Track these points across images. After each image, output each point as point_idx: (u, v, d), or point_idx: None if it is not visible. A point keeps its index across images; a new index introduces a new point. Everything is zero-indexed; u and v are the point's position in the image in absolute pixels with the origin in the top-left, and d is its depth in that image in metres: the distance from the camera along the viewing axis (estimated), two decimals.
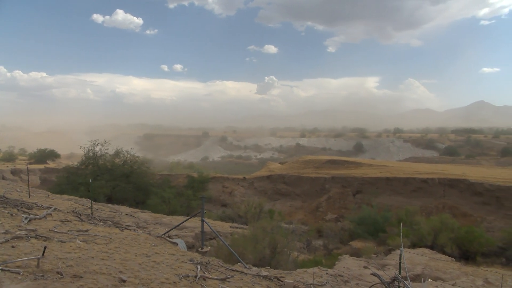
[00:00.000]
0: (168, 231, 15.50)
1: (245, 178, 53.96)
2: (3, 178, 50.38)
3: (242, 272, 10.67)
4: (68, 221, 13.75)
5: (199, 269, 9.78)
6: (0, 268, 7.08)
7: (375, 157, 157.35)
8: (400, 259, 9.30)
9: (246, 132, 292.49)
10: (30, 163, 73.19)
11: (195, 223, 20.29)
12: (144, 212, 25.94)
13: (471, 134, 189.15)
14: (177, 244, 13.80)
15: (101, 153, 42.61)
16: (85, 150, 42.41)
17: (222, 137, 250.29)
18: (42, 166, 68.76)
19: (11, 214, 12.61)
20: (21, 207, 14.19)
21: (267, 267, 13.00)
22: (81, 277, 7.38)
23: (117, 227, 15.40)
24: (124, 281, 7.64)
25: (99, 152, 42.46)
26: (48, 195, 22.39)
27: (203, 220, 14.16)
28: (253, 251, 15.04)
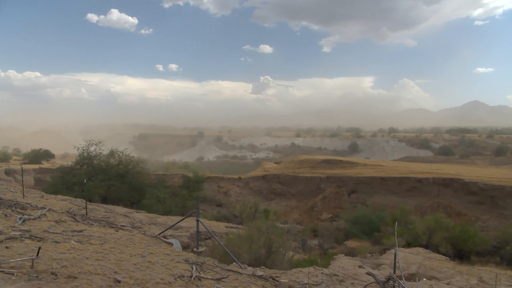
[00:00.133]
0: (163, 231, 15.46)
1: (240, 178, 53.94)
2: None
3: (238, 272, 10.66)
4: (63, 221, 13.68)
5: (194, 269, 9.77)
6: None
7: (370, 156, 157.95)
8: (395, 259, 9.33)
9: (241, 132, 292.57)
10: (24, 163, 72.84)
11: (190, 223, 20.25)
12: (139, 212, 25.88)
13: (465, 133, 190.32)
14: (172, 244, 13.77)
15: (95, 153, 42.38)
16: (79, 150, 42.18)
17: (217, 137, 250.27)
18: (37, 166, 68.39)
19: (5, 215, 12.54)
20: (15, 208, 14.11)
21: (263, 267, 12.99)
22: (75, 277, 7.35)
23: (112, 227, 15.35)
24: (119, 281, 7.62)
25: (93, 152, 42.23)
26: (43, 196, 22.25)
27: (198, 220, 14.14)
28: (248, 251, 15.03)
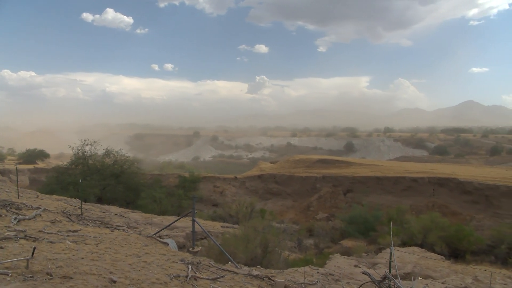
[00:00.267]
0: (159, 231, 15.44)
1: (236, 177, 53.89)
2: None
3: (233, 272, 10.66)
4: (58, 221, 13.64)
5: (190, 269, 9.76)
6: None
7: (366, 156, 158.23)
8: (390, 258, 9.36)
9: (237, 131, 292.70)
10: (19, 163, 72.64)
11: (186, 223, 20.26)
12: (135, 212, 25.82)
13: (460, 133, 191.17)
14: (168, 244, 13.76)
15: (90, 153, 42.25)
16: (74, 150, 42.02)
17: (213, 136, 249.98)
18: (31, 166, 68.13)
19: None
20: (10, 208, 14.05)
21: (258, 266, 13.00)
22: (71, 278, 7.33)
23: (107, 227, 15.31)
24: (114, 281, 7.60)
25: (88, 152, 42.10)
26: (38, 196, 22.16)
27: (194, 220, 14.13)
28: (244, 250, 15.03)
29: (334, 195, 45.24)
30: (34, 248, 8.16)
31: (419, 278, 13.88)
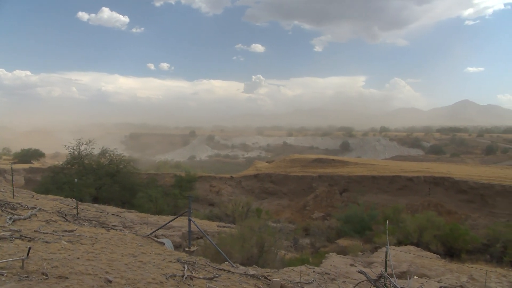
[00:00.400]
0: (154, 231, 15.41)
1: (232, 177, 53.89)
2: None
3: (230, 271, 10.66)
4: (53, 221, 13.59)
5: (186, 268, 9.75)
6: None
7: (362, 155, 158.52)
8: (386, 257, 9.38)
9: (233, 131, 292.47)
10: (14, 163, 72.36)
11: (182, 222, 20.22)
12: (131, 212, 25.76)
13: (455, 132, 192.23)
14: (164, 244, 13.74)
15: (86, 152, 42.14)
16: (70, 149, 41.89)
17: (209, 136, 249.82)
18: (27, 166, 67.95)
19: None
20: (5, 208, 13.98)
21: (255, 266, 13.01)
22: (66, 278, 7.30)
23: (103, 227, 15.27)
24: (110, 281, 7.58)
25: (84, 152, 41.99)
26: (33, 195, 22.09)
27: (190, 220, 14.11)
28: (240, 250, 15.04)
29: (330, 194, 45.32)
30: (30, 248, 8.12)
31: (415, 277, 13.94)
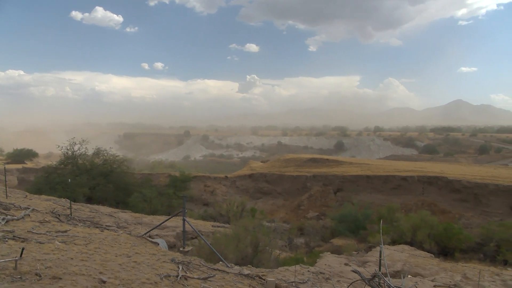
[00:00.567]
0: (149, 231, 15.38)
1: (227, 177, 53.82)
2: None
3: (224, 271, 10.66)
4: (47, 221, 13.53)
5: (180, 268, 9.74)
6: None
7: (356, 155, 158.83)
8: (380, 256, 9.42)
9: (228, 131, 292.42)
10: (7, 163, 71.75)
11: (177, 222, 20.17)
12: (125, 212, 25.70)
13: (449, 132, 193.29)
14: (158, 244, 13.71)
15: (80, 152, 41.94)
16: (63, 149, 41.68)
17: (204, 136, 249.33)
18: (20, 166, 67.48)
19: None
20: None
21: (249, 265, 13.01)
22: (60, 278, 7.27)
23: (97, 227, 15.23)
24: (104, 282, 7.55)
25: (78, 152, 41.79)
26: (26, 196, 22.00)
27: (184, 220, 14.09)
28: (235, 250, 15.04)
29: (325, 194, 45.38)
30: (23, 249, 8.08)
31: (409, 276, 13.99)
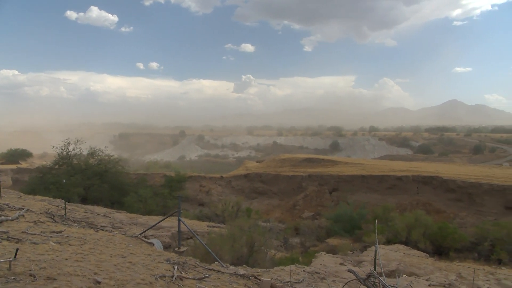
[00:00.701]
0: (144, 231, 15.34)
1: (222, 177, 53.81)
2: None
3: (219, 271, 10.65)
4: (41, 222, 13.48)
5: (175, 269, 9.73)
6: None
7: (351, 155, 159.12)
8: (375, 256, 9.45)
9: (223, 130, 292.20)
10: (1, 163, 71.56)
11: (172, 222, 20.15)
12: (120, 213, 25.61)
13: (444, 132, 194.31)
14: (153, 244, 13.69)
15: (74, 152, 41.78)
16: (58, 149, 41.51)
17: (199, 136, 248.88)
18: (14, 166, 67.16)
19: None
20: None
21: (245, 265, 13.01)
22: (54, 279, 7.24)
23: (91, 228, 15.18)
24: (99, 282, 7.53)
25: (72, 152, 41.62)
26: (21, 196, 21.90)
27: (179, 220, 14.07)
28: (230, 250, 15.02)
29: (320, 193, 45.45)
30: (17, 250, 8.05)
31: (404, 276, 14.03)
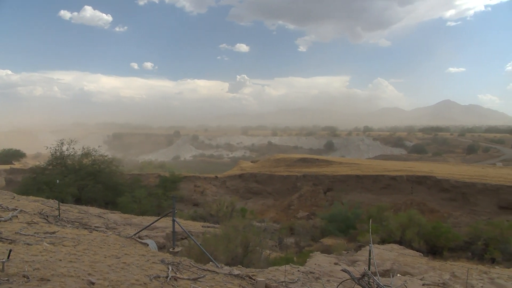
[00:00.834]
0: (138, 232, 15.29)
1: (217, 177, 53.75)
2: None
3: (214, 272, 10.63)
4: (35, 223, 13.41)
5: (170, 269, 9.70)
6: None
7: (346, 155, 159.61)
8: (370, 255, 9.47)
9: (217, 131, 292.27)
10: None
11: (166, 223, 20.12)
12: (114, 213, 25.50)
13: (438, 132, 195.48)
14: (147, 245, 13.64)
15: (68, 152, 41.61)
16: (51, 150, 41.34)
17: (194, 136, 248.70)
18: (7, 167, 66.75)
19: None
20: None
21: (239, 266, 12.99)
22: (48, 280, 7.20)
23: (85, 228, 15.12)
24: (93, 283, 7.50)
25: (66, 152, 41.46)
26: (14, 197, 21.76)
27: (174, 220, 14.04)
28: (225, 250, 15.00)
29: (315, 193, 45.54)
30: (10, 251, 8.00)
31: (398, 275, 14.07)
